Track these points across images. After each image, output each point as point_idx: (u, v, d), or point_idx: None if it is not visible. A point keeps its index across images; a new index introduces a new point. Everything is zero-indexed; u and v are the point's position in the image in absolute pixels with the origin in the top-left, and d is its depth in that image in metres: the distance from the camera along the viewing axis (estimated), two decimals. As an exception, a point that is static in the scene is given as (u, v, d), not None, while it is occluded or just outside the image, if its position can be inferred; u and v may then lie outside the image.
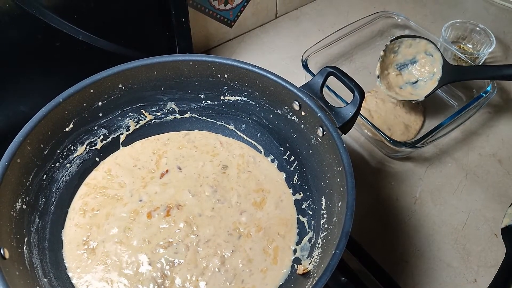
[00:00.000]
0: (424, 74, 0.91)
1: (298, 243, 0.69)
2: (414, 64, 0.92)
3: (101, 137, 0.74)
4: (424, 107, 0.95)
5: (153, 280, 0.63)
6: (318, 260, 0.61)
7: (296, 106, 0.68)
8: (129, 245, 0.66)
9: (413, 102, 0.89)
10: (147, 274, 0.64)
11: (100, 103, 0.70)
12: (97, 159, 0.75)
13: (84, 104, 0.68)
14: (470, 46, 1.06)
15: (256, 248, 0.67)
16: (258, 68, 0.69)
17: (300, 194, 0.73)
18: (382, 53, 0.90)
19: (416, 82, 0.91)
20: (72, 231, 0.68)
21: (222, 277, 0.64)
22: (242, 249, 0.67)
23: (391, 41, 0.90)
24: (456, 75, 0.87)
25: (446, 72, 0.87)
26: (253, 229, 0.69)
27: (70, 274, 0.63)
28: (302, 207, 0.72)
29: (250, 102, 0.75)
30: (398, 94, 0.90)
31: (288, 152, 0.76)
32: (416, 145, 0.80)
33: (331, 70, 0.67)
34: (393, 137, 0.81)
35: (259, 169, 0.77)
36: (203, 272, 0.64)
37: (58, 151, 0.68)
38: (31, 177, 0.63)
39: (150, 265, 0.64)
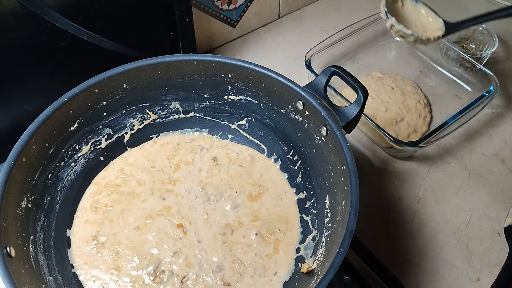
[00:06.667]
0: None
1: (301, 242, 0.69)
2: None
3: (106, 136, 0.75)
4: (430, 103, 0.96)
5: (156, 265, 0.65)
6: (322, 259, 0.61)
7: (299, 105, 0.68)
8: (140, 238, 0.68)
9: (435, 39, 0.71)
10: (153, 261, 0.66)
11: (104, 103, 0.71)
12: (101, 158, 0.75)
13: (89, 104, 0.69)
14: (473, 46, 1.06)
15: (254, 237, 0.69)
16: (262, 67, 0.69)
17: (303, 193, 0.74)
18: None
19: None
20: (81, 228, 0.68)
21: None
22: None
23: None
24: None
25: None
26: (248, 219, 0.71)
27: (77, 272, 0.64)
28: (305, 206, 0.72)
29: (254, 101, 0.75)
30: (419, 30, 0.71)
31: (292, 151, 0.76)
32: (419, 145, 0.80)
33: (335, 69, 0.67)
34: (398, 137, 0.81)
35: (253, 167, 0.78)
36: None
37: (63, 150, 0.68)
38: (36, 176, 0.63)
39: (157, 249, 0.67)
